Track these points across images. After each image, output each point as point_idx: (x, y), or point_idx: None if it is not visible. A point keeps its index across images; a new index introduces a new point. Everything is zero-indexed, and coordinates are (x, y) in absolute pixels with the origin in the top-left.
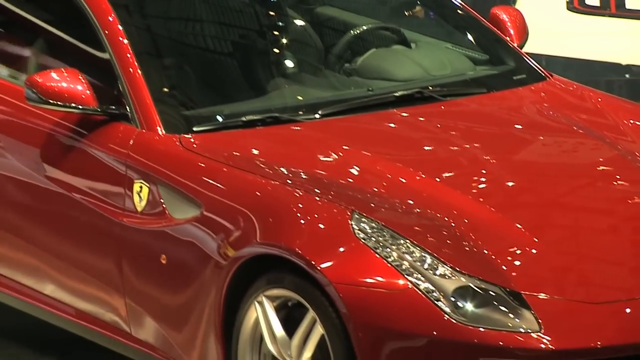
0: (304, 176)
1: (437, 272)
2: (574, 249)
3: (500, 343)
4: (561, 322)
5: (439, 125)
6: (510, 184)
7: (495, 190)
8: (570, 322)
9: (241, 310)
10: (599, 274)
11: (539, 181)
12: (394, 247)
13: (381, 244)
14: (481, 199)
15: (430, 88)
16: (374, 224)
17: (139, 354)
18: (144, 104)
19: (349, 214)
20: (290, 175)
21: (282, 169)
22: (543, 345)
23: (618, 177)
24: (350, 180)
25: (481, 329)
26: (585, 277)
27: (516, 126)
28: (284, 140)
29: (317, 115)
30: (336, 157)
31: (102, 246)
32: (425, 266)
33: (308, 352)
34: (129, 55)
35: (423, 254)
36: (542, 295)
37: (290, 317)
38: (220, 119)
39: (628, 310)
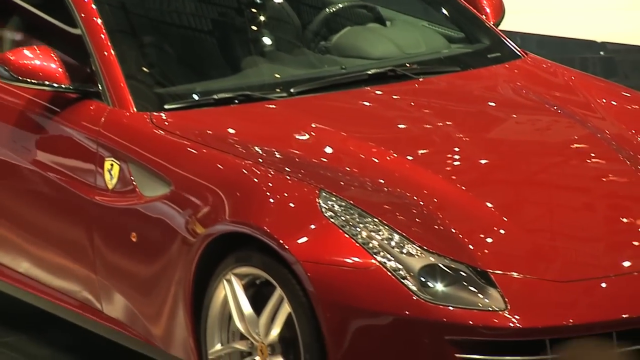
0: (274, 155)
1: (404, 251)
2: (547, 226)
3: (466, 321)
4: (529, 300)
5: (412, 104)
6: (482, 161)
7: (467, 169)
8: (538, 301)
9: (210, 288)
10: (572, 252)
11: (511, 159)
12: (361, 226)
13: (349, 222)
14: (452, 178)
15: (410, 65)
16: (342, 203)
17: (110, 332)
18: (115, 81)
19: (317, 192)
20: (261, 153)
21: (252, 147)
22: (508, 324)
23: (591, 155)
24: (321, 158)
25: (447, 308)
26: (557, 255)
27: (490, 104)
28: (256, 118)
29: (289, 94)
30: (308, 135)
31: (75, 224)
32: (393, 244)
33: (275, 330)
34: (101, 33)
35: (391, 232)
36: (509, 274)
37: (258, 295)
38: (192, 97)
39: (602, 288)
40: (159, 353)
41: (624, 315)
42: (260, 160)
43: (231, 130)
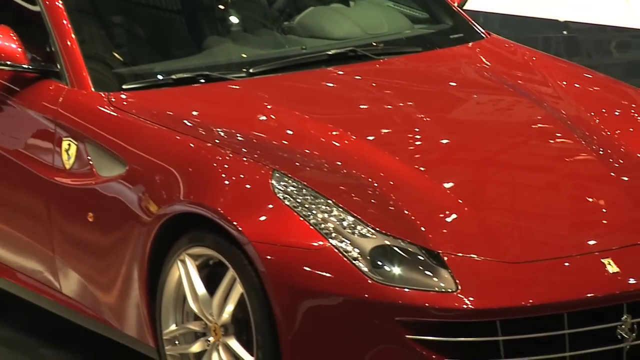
0: (230, 135)
1: (356, 232)
2: (505, 206)
3: (416, 302)
4: (480, 281)
5: (374, 84)
6: (443, 141)
7: (427, 149)
8: (490, 282)
9: (164, 269)
10: (530, 232)
11: (471, 139)
12: (313, 207)
13: (301, 203)
14: (410, 159)
15: (377, 44)
16: (294, 183)
17: (68, 312)
18: (74, 61)
19: (270, 173)
20: (217, 134)
21: (208, 127)
22: (458, 305)
23: (548, 136)
24: (279, 140)
25: (397, 289)
26: (513, 235)
27: (451, 85)
28: (214, 98)
29: (248, 74)
30: (266, 116)
31: (34, 204)
32: (345, 226)
33: (228, 310)
34: (61, 12)
35: (343, 213)
36: (461, 255)
37: (212, 276)
38: (150, 77)
39: (556, 269)
40: (116, 333)
41: (575, 297)
42: (216, 141)
43: (188, 111)
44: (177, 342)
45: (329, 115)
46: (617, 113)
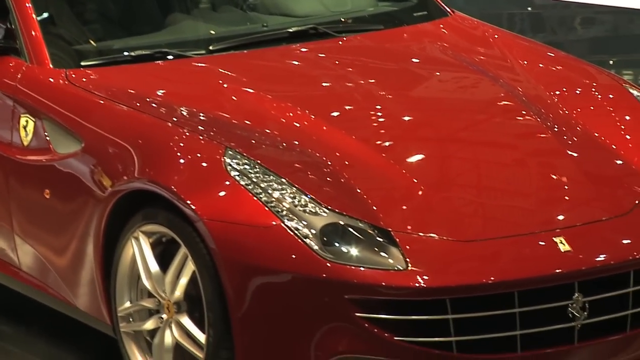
0: (187, 113)
1: (307, 210)
2: (459, 185)
3: (365, 280)
4: (430, 259)
5: (337, 62)
6: (404, 119)
7: (386, 127)
8: (440, 260)
9: (119, 246)
10: (481, 211)
11: (428, 117)
12: (265, 184)
13: (253, 180)
14: (367, 138)
15: (345, 20)
16: (247, 161)
17: (27, 289)
18: (33, 37)
19: (223, 151)
20: (174, 111)
21: (165, 105)
22: (408, 283)
23: (506, 113)
24: (236, 117)
25: (347, 266)
26: (465, 213)
27: (413, 62)
28: (172, 76)
29: (208, 51)
30: (224, 94)
31: None
32: (296, 203)
33: (180, 288)
34: None
35: (294, 191)
36: (412, 233)
37: (166, 254)
38: (109, 53)
39: (508, 247)
40: (74, 310)
41: (525, 276)
42: (173, 119)
43: (145, 88)
44: (131, 320)
45: (288, 93)
46: (578, 92)
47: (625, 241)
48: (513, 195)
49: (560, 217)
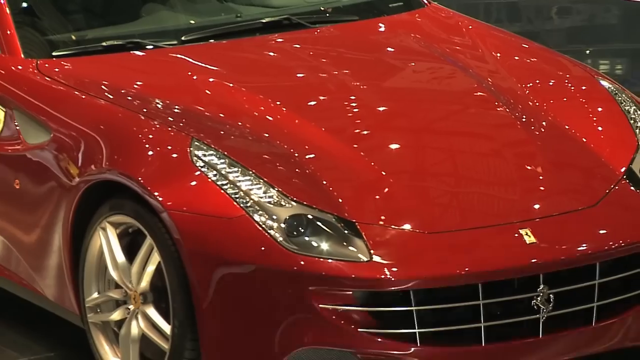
0: (156, 104)
1: (272, 201)
2: (428, 177)
3: (329, 272)
4: (394, 251)
5: (311, 53)
6: (378, 109)
7: (357, 119)
8: (404, 252)
9: (87, 236)
10: (448, 202)
11: (403, 107)
12: (230, 175)
13: (219, 171)
14: (336, 129)
15: (321, 10)
16: (213, 152)
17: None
18: (5, 27)
19: (189, 142)
20: (143, 102)
21: (135, 95)
22: (371, 274)
23: (475, 105)
24: (206, 108)
25: (311, 258)
26: (431, 205)
27: (387, 53)
28: (144, 66)
29: (180, 42)
30: (194, 84)
31: None
32: (261, 195)
33: (146, 278)
34: None
35: (260, 182)
36: (377, 225)
37: (134, 244)
38: (81, 43)
39: (472, 239)
40: (43, 300)
41: (490, 268)
42: (142, 110)
43: (116, 79)
44: (99, 310)
45: (261, 84)
46: (551, 83)
47: (591, 233)
48: (480, 187)
49: (527, 209)
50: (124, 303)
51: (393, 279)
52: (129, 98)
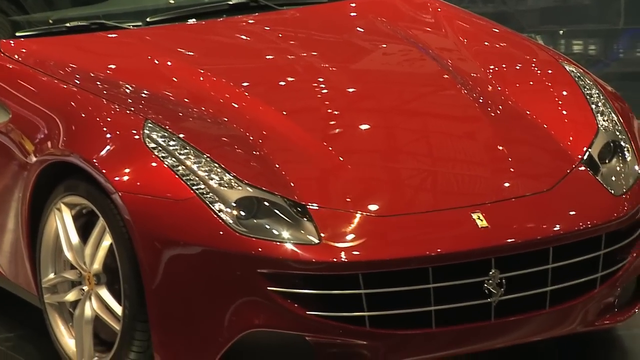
0: (114, 85)
1: (223, 183)
2: (383, 161)
3: (277, 254)
4: (344, 234)
5: (280, 35)
6: (349, 90)
7: (316, 103)
8: (353, 235)
9: (44, 217)
10: (401, 186)
11: (368, 90)
12: (183, 157)
13: (170, 153)
14: (293, 111)
15: None
16: (165, 134)
17: None
18: None
19: (142, 123)
20: (101, 83)
21: (93, 77)
22: (319, 258)
23: (434, 87)
24: (165, 90)
25: (260, 240)
26: (383, 188)
27: (356, 35)
28: (106, 48)
29: (145, 23)
30: (156, 66)
31: None
32: (212, 176)
33: (99, 259)
34: None
35: (211, 164)
36: (327, 208)
37: (89, 226)
38: (44, 24)
39: (423, 223)
40: (4, 281)
41: (440, 251)
42: (102, 91)
43: (77, 60)
44: (55, 291)
45: (223, 66)
46: (517, 67)
47: (545, 218)
48: (434, 171)
49: (479, 193)
50: (79, 284)
51: (341, 262)
52: (90, 80)
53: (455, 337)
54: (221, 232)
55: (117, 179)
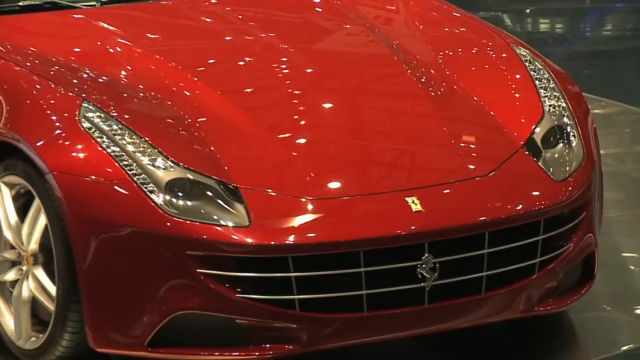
0: (61, 67)
1: (156, 164)
2: (319, 144)
3: (207, 237)
4: (274, 217)
5: (240, 17)
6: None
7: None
8: (284, 218)
9: None
10: (336, 169)
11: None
12: (117, 138)
13: (105, 134)
14: (236, 97)
15: None
16: (100, 114)
17: None
18: None
19: (78, 103)
20: (47, 65)
21: (37, 56)
22: (248, 240)
23: (377, 67)
24: (108, 71)
25: (190, 222)
26: (317, 172)
27: (313, 16)
28: (56, 28)
29: (99, 2)
30: (103, 47)
31: None
32: (144, 157)
33: (35, 239)
34: None
35: (144, 145)
36: (259, 191)
37: (28, 206)
38: None
39: (361, 205)
40: None
41: (372, 235)
42: (50, 73)
43: (23, 39)
44: None
45: (171, 46)
46: (473, 51)
47: (482, 202)
48: (369, 154)
49: (415, 177)
50: (18, 264)
51: (270, 245)
52: (34, 60)
53: (388, 321)
54: (151, 213)
55: (50, 158)
